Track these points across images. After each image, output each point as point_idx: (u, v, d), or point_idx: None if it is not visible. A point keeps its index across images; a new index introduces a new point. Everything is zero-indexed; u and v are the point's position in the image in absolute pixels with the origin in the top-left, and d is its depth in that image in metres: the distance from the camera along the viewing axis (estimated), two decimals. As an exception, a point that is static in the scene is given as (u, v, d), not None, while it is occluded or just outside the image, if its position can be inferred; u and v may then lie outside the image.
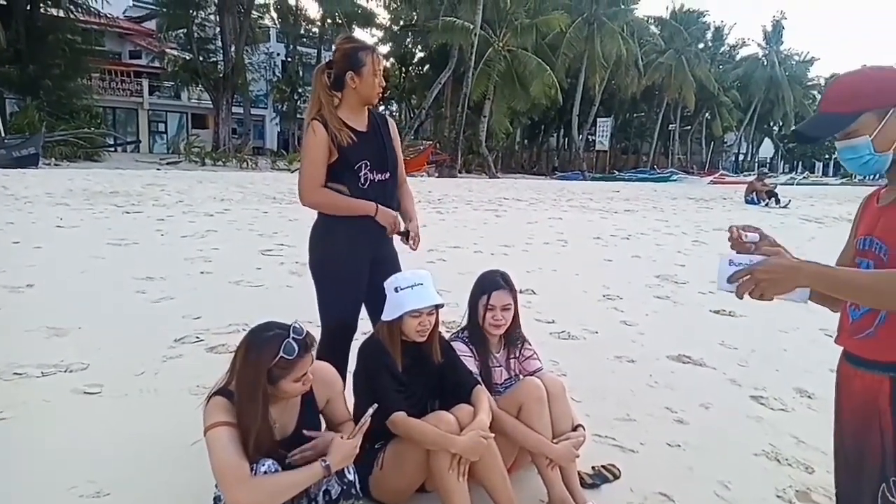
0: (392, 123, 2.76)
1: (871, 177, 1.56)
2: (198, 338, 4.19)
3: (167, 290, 5.42)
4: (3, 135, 23.56)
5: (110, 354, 3.80)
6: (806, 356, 4.28)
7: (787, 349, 4.49)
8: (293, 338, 1.89)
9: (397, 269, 2.70)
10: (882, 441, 1.35)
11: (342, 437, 1.96)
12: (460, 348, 2.52)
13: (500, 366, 2.63)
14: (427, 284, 2.30)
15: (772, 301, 1.36)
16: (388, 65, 44.16)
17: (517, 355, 2.68)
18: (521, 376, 2.64)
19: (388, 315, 2.29)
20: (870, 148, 1.42)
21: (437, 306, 2.31)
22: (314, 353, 1.98)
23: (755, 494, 2.56)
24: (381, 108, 38.01)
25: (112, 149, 30.90)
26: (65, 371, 3.53)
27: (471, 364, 2.49)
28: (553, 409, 2.43)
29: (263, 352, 1.88)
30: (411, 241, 2.69)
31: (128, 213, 10.67)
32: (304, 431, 2.04)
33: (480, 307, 2.55)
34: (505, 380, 2.63)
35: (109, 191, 14.21)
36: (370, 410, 2.01)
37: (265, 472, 1.86)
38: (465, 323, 2.67)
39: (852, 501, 1.48)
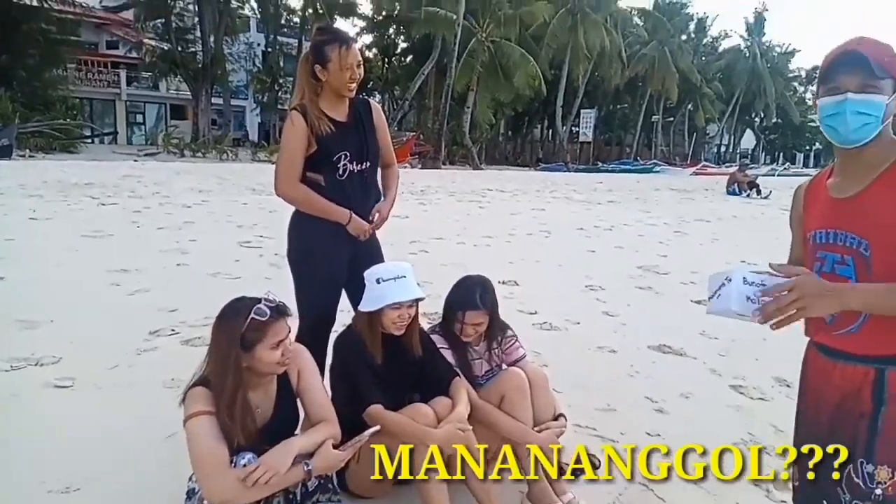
0: (376, 109, 2.70)
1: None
2: (173, 330, 4.12)
3: (142, 283, 5.33)
4: (-25, 126, 23.04)
5: (83, 347, 3.73)
6: (784, 345, 4.22)
7: (766, 338, 4.49)
8: (265, 303, 1.89)
9: (380, 260, 2.66)
10: (857, 425, 1.38)
11: (333, 447, 1.93)
12: (439, 341, 2.48)
13: (479, 358, 2.59)
14: (409, 277, 2.25)
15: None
16: (370, 55, 43.76)
17: (499, 345, 2.64)
18: (503, 366, 2.60)
19: (367, 306, 2.24)
20: (883, 111, 1.36)
21: (418, 300, 2.27)
22: (289, 321, 1.96)
23: (734, 482, 2.55)
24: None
25: (89, 140, 30.38)
26: (35, 364, 3.45)
27: (450, 356, 2.45)
28: (536, 399, 2.41)
29: (235, 317, 1.88)
30: (372, 221, 2.59)
31: (103, 204, 10.48)
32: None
33: (456, 324, 2.47)
34: (486, 371, 2.59)
35: (85, 182, 13.94)
36: (370, 431, 1.97)
37: (244, 465, 1.81)
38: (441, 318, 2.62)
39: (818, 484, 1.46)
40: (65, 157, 23.96)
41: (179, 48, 34.67)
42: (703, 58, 57.68)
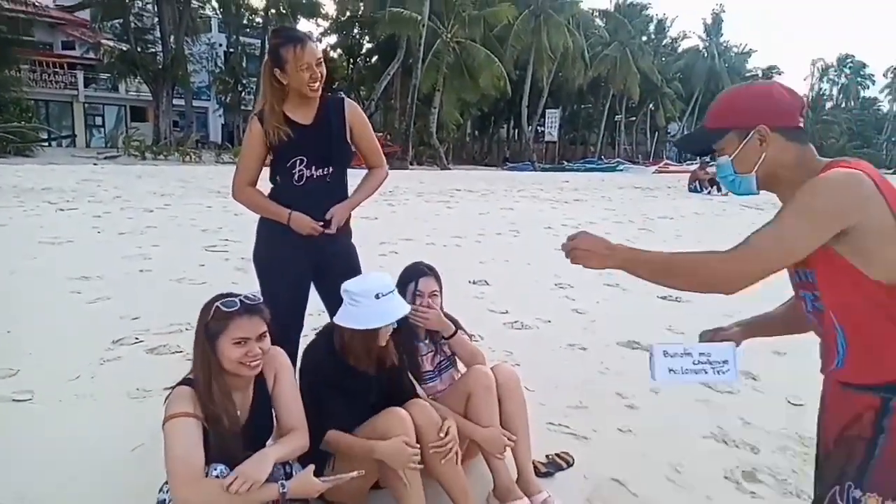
0: (350, 106, 2.60)
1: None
2: (137, 339, 4.01)
3: (104, 290, 5.18)
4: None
5: (42, 359, 3.60)
6: (749, 340, 4.39)
7: (731, 332, 4.61)
8: (240, 298, 1.86)
9: (351, 263, 2.62)
10: (855, 445, 1.35)
11: (315, 476, 1.87)
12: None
13: (430, 352, 2.58)
14: (395, 289, 2.22)
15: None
16: (334, 56, 43.40)
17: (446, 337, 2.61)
18: (453, 356, 2.62)
19: (366, 322, 2.10)
20: (731, 168, 1.42)
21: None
22: (264, 322, 1.90)
23: (704, 476, 2.61)
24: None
25: (46, 143, 29.41)
26: (-9, 378, 3.32)
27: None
28: (509, 402, 2.40)
29: (208, 305, 1.88)
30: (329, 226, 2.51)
31: (62, 210, 10.18)
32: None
33: (408, 296, 2.46)
34: (438, 363, 2.59)
35: (42, 187, 13.53)
36: (353, 474, 1.92)
37: (216, 476, 1.77)
38: None
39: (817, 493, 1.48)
40: (20, 161, 23.16)
41: (139, 49, 33.78)
42: (664, 58, 58.78)
